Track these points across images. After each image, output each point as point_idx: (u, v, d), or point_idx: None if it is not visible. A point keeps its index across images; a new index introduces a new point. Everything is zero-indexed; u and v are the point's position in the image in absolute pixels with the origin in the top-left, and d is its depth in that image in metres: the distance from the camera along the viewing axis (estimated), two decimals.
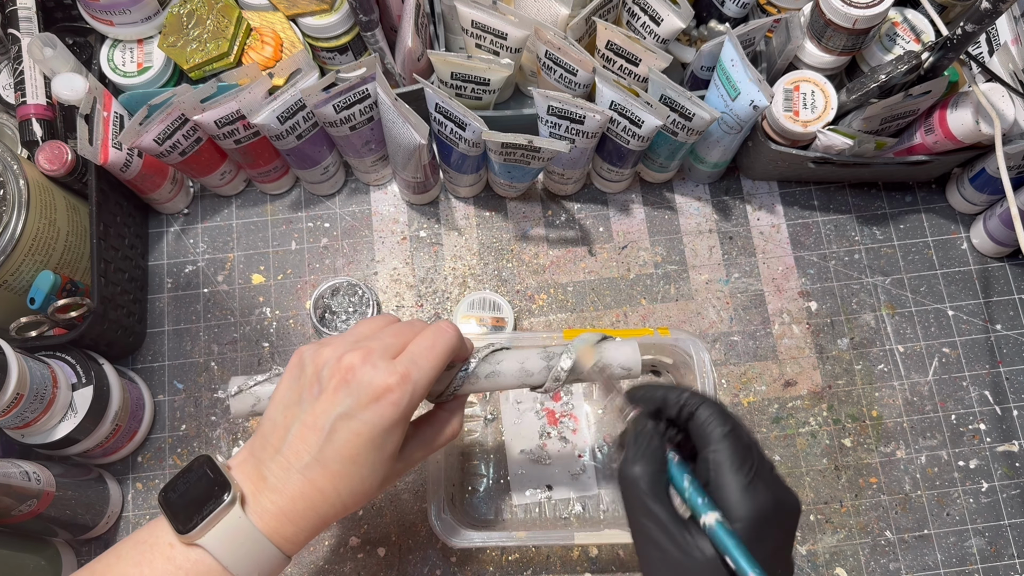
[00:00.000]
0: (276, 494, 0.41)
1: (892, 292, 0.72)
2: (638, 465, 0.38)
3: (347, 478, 0.41)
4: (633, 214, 0.75)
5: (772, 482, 0.37)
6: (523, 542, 0.58)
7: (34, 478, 0.55)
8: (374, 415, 0.40)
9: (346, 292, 0.62)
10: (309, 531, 0.41)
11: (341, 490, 0.41)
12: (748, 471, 0.36)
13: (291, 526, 0.41)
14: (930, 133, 0.66)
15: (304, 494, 0.41)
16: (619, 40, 0.62)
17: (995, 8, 0.54)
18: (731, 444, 0.37)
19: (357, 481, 0.41)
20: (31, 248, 0.60)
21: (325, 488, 0.41)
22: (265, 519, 0.40)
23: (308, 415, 0.42)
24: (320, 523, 0.42)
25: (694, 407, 0.39)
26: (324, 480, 0.41)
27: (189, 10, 0.66)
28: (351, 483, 0.41)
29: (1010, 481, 0.67)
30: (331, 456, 0.41)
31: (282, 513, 0.41)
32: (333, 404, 0.41)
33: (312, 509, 0.41)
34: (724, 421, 0.38)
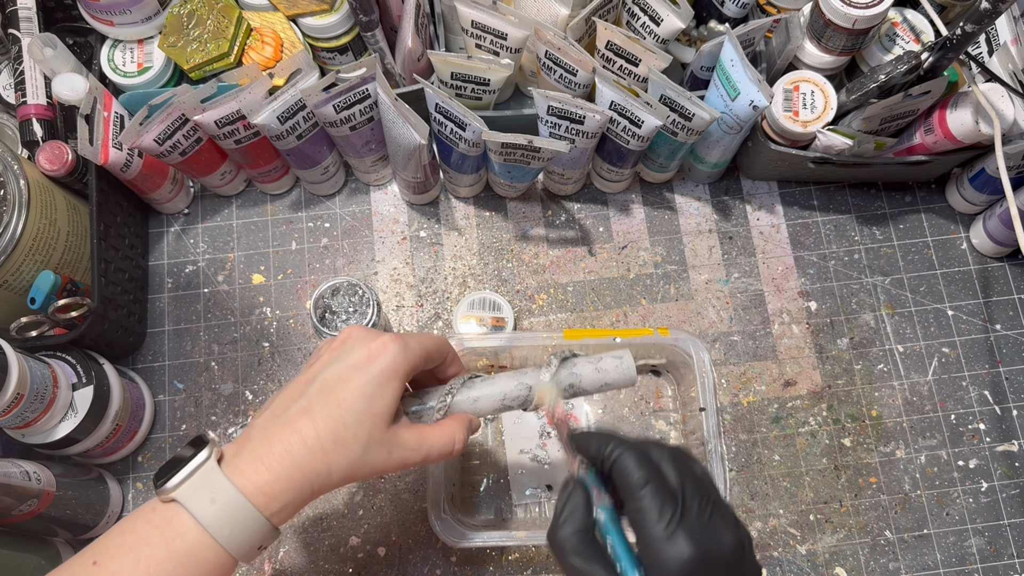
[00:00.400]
0: (254, 443, 0.40)
1: (892, 292, 0.72)
2: (563, 528, 0.38)
3: (329, 422, 0.40)
4: (633, 214, 0.75)
5: (701, 528, 0.35)
6: (523, 542, 0.58)
7: (34, 478, 0.55)
8: (366, 362, 0.42)
9: (346, 292, 0.62)
10: (286, 480, 0.39)
11: (321, 432, 0.40)
12: (668, 522, 0.35)
13: (266, 472, 0.39)
14: (930, 133, 0.66)
15: (281, 437, 0.40)
16: (619, 40, 0.62)
17: (995, 8, 0.54)
18: (648, 494, 0.36)
19: (340, 427, 0.40)
20: (31, 248, 0.60)
21: (304, 431, 0.40)
22: (240, 468, 0.39)
23: (304, 374, 0.43)
24: (297, 472, 0.39)
25: (614, 458, 0.38)
26: (306, 424, 0.40)
27: (189, 10, 0.66)
28: (333, 427, 0.40)
29: (1010, 481, 0.67)
30: (316, 400, 0.41)
31: (257, 459, 0.39)
32: (328, 360, 0.43)
33: (288, 454, 0.39)
34: (641, 467, 0.37)
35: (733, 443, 0.68)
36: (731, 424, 0.68)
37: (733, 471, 0.67)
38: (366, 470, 0.42)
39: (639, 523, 0.36)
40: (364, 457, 0.41)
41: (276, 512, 0.40)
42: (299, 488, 0.40)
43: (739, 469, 0.67)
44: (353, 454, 0.41)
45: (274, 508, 0.40)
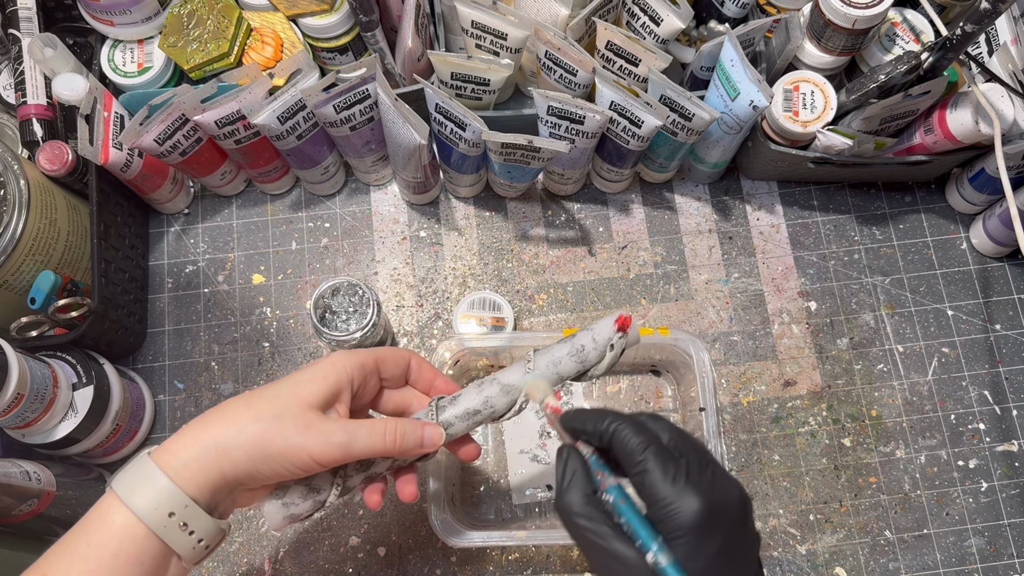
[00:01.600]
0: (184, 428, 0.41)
1: (892, 292, 0.72)
2: (567, 494, 0.38)
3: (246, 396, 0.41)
4: (633, 214, 0.75)
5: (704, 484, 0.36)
6: (523, 542, 0.58)
7: (35, 478, 0.55)
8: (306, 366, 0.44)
9: (346, 292, 0.62)
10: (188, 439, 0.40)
11: (237, 404, 0.41)
12: (673, 480, 0.36)
13: (180, 442, 0.40)
14: (929, 133, 0.66)
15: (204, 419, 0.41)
16: (619, 40, 0.62)
17: (994, 8, 0.54)
18: (651, 456, 0.37)
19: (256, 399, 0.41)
20: (32, 248, 0.60)
21: (224, 407, 0.41)
22: (165, 449, 0.40)
23: None
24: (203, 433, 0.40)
25: (612, 431, 0.39)
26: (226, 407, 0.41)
27: (189, 10, 0.66)
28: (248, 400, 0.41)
29: (1009, 481, 0.67)
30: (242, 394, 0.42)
31: (177, 434, 0.41)
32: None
33: (203, 423, 0.40)
34: (640, 434, 0.38)
35: (733, 443, 0.68)
36: (731, 424, 0.68)
37: (733, 471, 0.67)
38: (280, 440, 0.40)
39: (645, 486, 0.36)
40: (275, 424, 0.40)
41: (179, 470, 0.39)
42: (204, 445, 0.40)
43: (739, 469, 0.67)
44: (262, 417, 0.40)
45: (175, 465, 0.39)
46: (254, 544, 0.65)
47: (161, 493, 0.39)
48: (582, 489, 0.38)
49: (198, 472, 0.39)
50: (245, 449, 0.40)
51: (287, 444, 0.40)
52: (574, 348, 0.47)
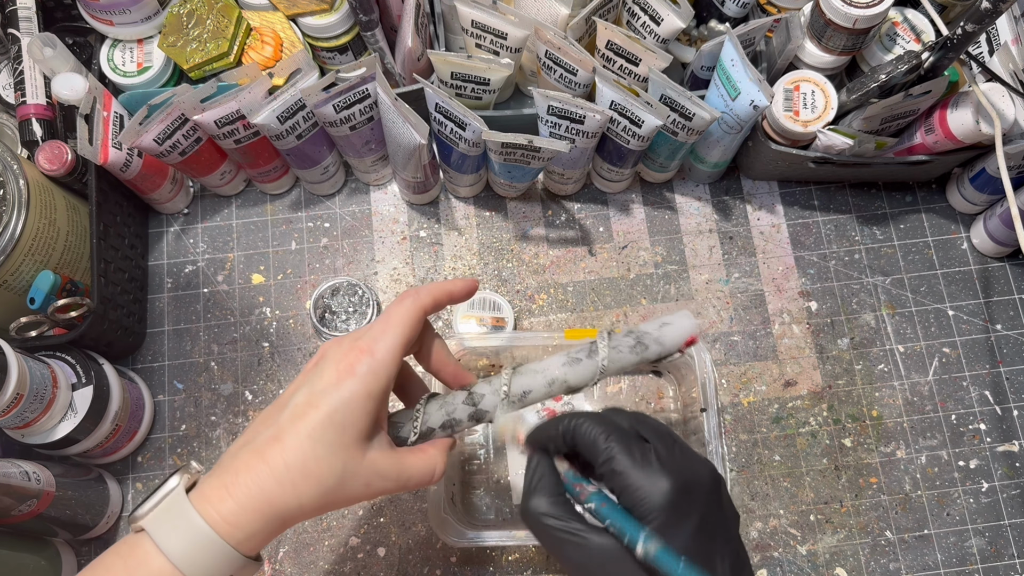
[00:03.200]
0: (223, 470, 0.39)
1: (892, 292, 0.72)
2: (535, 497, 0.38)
3: (300, 453, 0.38)
4: (633, 214, 0.75)
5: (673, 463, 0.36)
6: (523, 542, 0.58)
7: (34, 478, 0.55)
8: (334, 387, 0.39)
9: (346, 292, 0.62)
10: (252, 511, 0.38)
11: (291, 464, 0.38)
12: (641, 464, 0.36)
13: (232, 502, 0.38)
14: (930, 133, 0.66)
15: (250, 466, 0.38)
16: (619, 40, 0.62)
17: (995, 8, 0.54)
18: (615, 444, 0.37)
19: (311, 459, 0.38)
20: (31, 248, 0.60)
21: (273, 460, 0.38)
22: (207, 495, 0.38)
23: (280, 398, 0.41)
24: (265, 504, 0.38)
25: (572, 428, 0.39)
26: (275, 453, 0.38)
27: (189, 10, 0.65)
28: (304, 459, 0.38)
29: (1010, 481, 0.67)
30: (287, 429, 0.39)
31: (223, 487, 0.38)
32: (301, 382, 0.41)
33: (256, 483, 0.38)
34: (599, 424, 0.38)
35: (734, 443, 0.68)
36: (732, 424, 0.68)
37: (733, 471, 0.67)
38: (342, 501, 0.40)
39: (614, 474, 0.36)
40: (338, 490, 0.39)
41: (242, 541, 0.38)
42: (267, 519, 0.38)
43: (739, 469, 0.67)
44: (325, 487, 0.39)
45: (239, 537, 0.38)
46: None
47: (224, 563, 0.38)
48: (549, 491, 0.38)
49: (262, 540, 0.39)
50: (308, 514, 0.39)
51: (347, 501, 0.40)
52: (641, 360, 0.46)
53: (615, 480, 0.36)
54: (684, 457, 0.37)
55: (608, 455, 0.37)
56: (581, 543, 0.36)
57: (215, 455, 0.67)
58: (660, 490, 0.35)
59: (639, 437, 0.37)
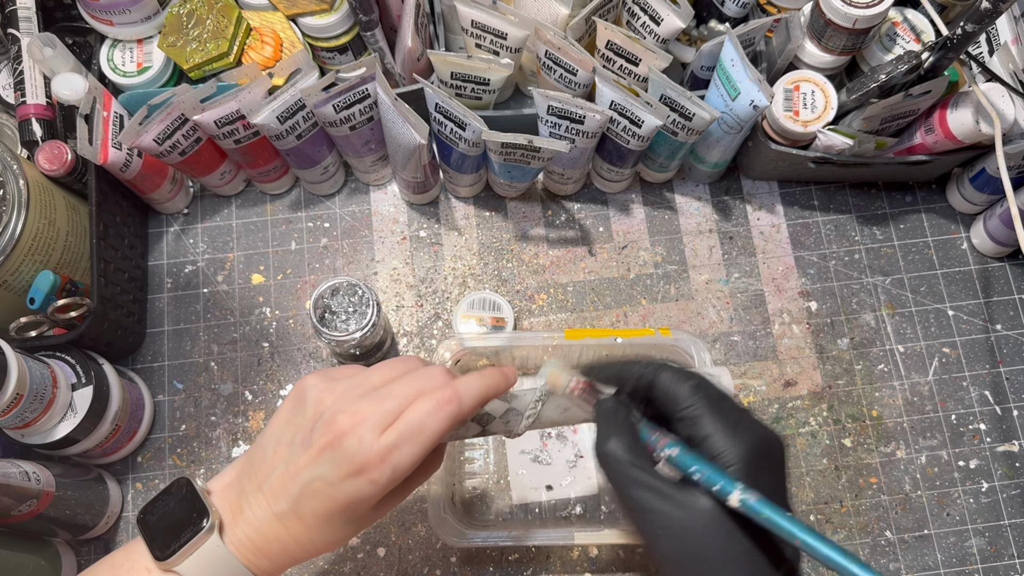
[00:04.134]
0: (252, 530, 0.41)
1: (892, 292, 0.72)
2: (611, 440, 0.37)
3: (320, 532, 0.41)
4: (633, 214, 0.75)
5: (753, 422, 0.36)
6: (523, 542, 0.58)
7: (34, 478, 0.55)
8: (351, 487, 0.40)
9: (346, 292, 0.62)
10: (282, 567, 0.42)
11: (315, 540, 0.42)
12: (727, 416, 0.36)
13: (266, 562, 0.42)
14: (930, 133, 0.66)
15: (279, 538, 0.41)
16: (619, 40, 0.62)
17: (995, 8, 0.54)
18: (702, 396, 0.37)
19: (331, 535, 0.42)
20: (31, 248, 0.60)
21: (299, 537, 0.41)
22: (241, 551, 0.41)
23: (292, 464, 0.41)
24: (291, 561, 0.42)
25: (652, 375, 0.38)
26: (298, 529, 0.41)
27: (189, 10, 0.65)
28: (324, 536, 0.42)
29: (1010, 481, 0.67)
30: (306, 511, 0.41)
31: (257, 549, 0.41)
32: (316, 464, 0.40)
33: (286, 552, 0.42)
34: (688, 377, 0.37)
35: None
36: None
37: None
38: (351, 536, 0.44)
39: (697, 424, 0.36)
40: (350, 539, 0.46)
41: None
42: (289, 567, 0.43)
43: None
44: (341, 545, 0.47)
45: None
46: None
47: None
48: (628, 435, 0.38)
49: None
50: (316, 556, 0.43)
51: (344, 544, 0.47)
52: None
53: (695, 428, 0.36)
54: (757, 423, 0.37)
55: (690, 405, 0.36)
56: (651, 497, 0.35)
57: (215, 455, 0.67)
58: (746, 445, 0.35)
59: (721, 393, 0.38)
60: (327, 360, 0.70)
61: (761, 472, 0.35)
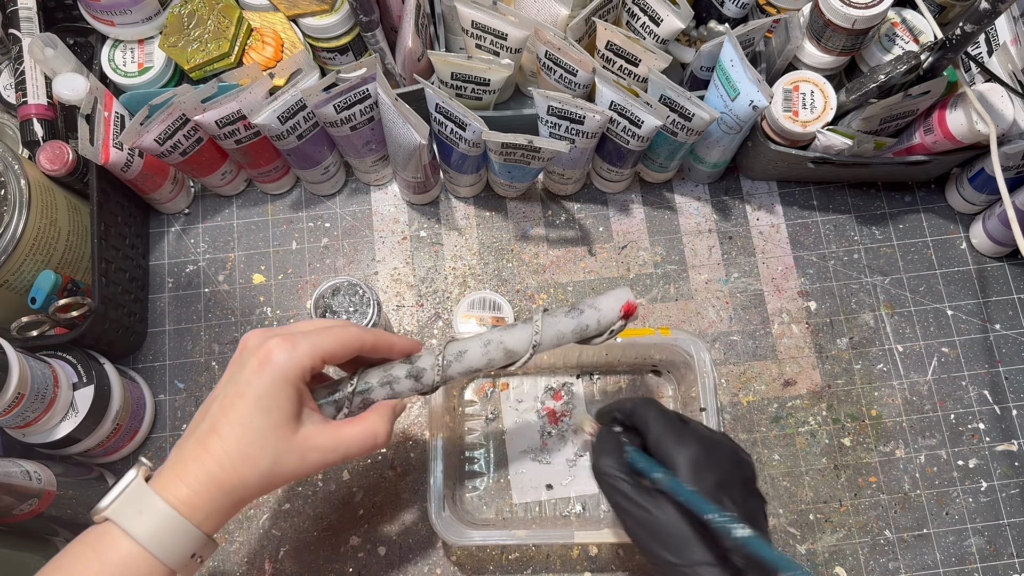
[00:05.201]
0: (172, 462, 0.43)
1: (891, 292, 0.72)
2: (603, 456, 0.48)
3: (233, 438, 0.42)
4: (633, 214, 0.75)
5: (699, 437, 0.47)
6: (523, 541, 0.58)
7: (35, 477, 0.55)
8: (256, 376, 0.43)
9: (347, 292, 0.62)
10: (204, 494, 0.42)
11: (229, 450, 0.42)
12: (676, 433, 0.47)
13: (185, 488, 0.42)
14: (929, 133, 0.66)
15: (196, 456, 0.42)
16: (619, 40, 0.62)
17: (994, 8, 0.54)
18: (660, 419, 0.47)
19: (244, 443, 0.42)
20: (32, 248, 0.60)
21: (213, 448, 0.42)
22: (162, 484, 0.42)
23: (213, 391, 0.45)
24: (214, 487, 0.42)
25: (630, 407, 0.50)
26: (214, 441, 0.42)
27: (190, 10, 0.66)
28: (238, 444, 0.42)
29: (1009, 480, 0.67)
30: (219, 419, 0.43)
31: (176, 476, 0.42)
32: (228, 376, 0.45)
33: (202, 469, 0.42)
34: (650, 405, 0.49)
35: None
36: (731, 424, 0.68)
37: None
38: (283, 477, 0.44)
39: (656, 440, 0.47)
40: (275, 468, 0.43)
41: (202, 520, 0.42)
42: (218, 499, 0.42)
43: None
44: (263, 466, 0.43)
45: (199, 517, 0.42)
46: (254, 544, 0.65)
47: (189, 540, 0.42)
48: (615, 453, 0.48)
49: (219, 519, 0.43)
50: (256, 490, 0.43)
51: (291, 476, 0.44)
52: (579, 326, 0.50)
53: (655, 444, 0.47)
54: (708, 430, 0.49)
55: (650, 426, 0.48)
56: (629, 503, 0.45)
57: None
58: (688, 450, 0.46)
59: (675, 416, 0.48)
60: None
61: (702, 473, 0.45)
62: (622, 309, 0.49)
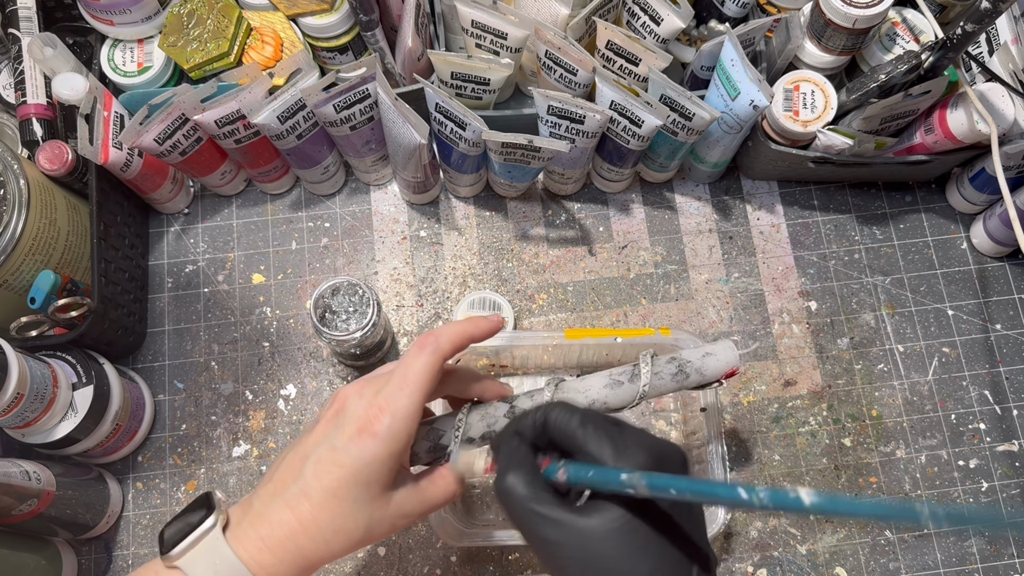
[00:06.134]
0: (257, 519, 0.40)
1: (892, 292, 0.72)
2: (508, 475, 0.37)
3: (328, 511, 0.40)
4: (633, 214, 0.75)
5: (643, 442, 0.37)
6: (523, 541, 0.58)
7: (34, 477, 0.55)
8: (356, 446, 0.40)
9: (346, 292, 0.62)
10: (289, 564, 0.40)
11: (322, 523, 0.40)
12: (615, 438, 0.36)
13: (269, 555, 0.39)
14: (930, 133, 0.66)
15: (283, 522, 0.40)
16: (619, 40, 0.62)
17: (995, 8, 0.54)
18: (590, 425, 0.37)
19: (339, 516, 0.40)
20: (31, 248, 0.60)
21: (304, 518, 0.40)
22: (243, 544, 0.40)
23: (301, 445, 0.42)
24: (300, 558, 0.40)
25: (542, 419, 0.39)
26: (305, 510, 0.40)
27: (189, 10, 0.66)
28: (332, 517, 0.40)
29: (1010, 481, 0.67)
30: (313, 485, 0.40)
31: (260, 539, 0.40)
32: (323, 434, 0.41)
33: (291, 539, 0.40)
34: (574, 412, 0.38)
35: (733, 443, 0.68)
36: (731, 424, 0.68)
37: (733, 471, 0.67)
38: (371, 542, 0.42)
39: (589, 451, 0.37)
40: (366, 537, 0.41)
41: None
42: (301, 569, 0.40)
43: (739, 469, 0.67)
44: (355, 538, 0.41)
45: None
46: None
47: None
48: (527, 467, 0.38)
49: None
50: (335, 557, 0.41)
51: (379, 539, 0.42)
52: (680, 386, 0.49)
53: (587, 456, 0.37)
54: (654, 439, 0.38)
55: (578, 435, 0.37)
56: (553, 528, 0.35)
57: (215, 454, 0.67)
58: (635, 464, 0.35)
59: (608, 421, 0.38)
60: (327, 360, 0.70)
61: None
62: (724, 376, 0.49)
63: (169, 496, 0.67)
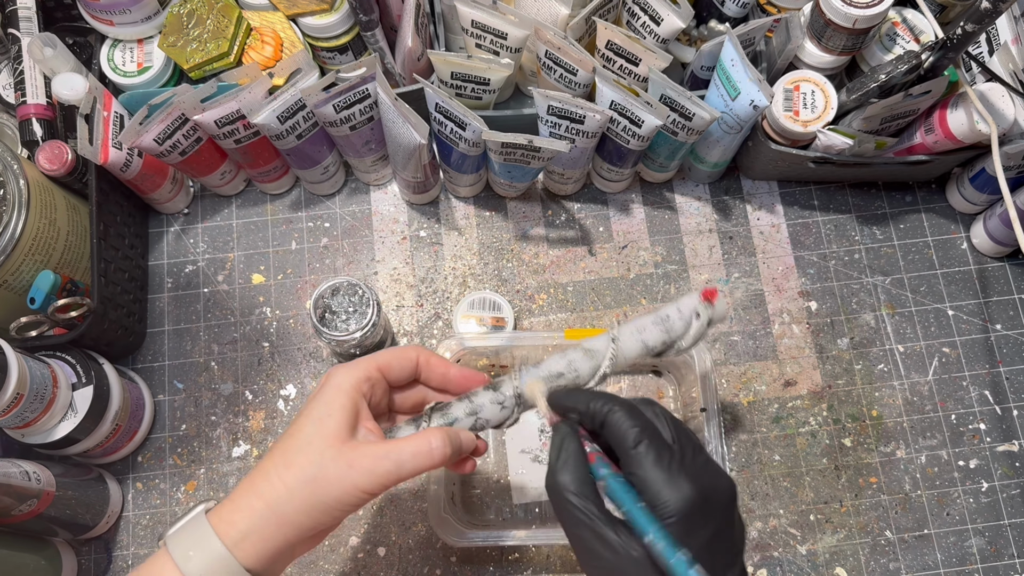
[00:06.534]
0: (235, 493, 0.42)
1: (892, 292, 0.72)
2: (562, 473, 0.38)
3: (281, 450, 0.41)
4: (633, 214, 0.75)
5: (697, 472, 0.36)
6: (523, 541, 0.58)
7: (34, 478, 0.55)
8: (316, 392, 0.43)
9: (346, 292, 0.62)
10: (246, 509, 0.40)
11: (276, 462, 0.41)
12: (667, 465, 0.36)
13: (229, 504, 0.41)
14: (930, 133, 0.66)
15: (250, 477, 0.41)
16: (619, 40, 0.62)
17: (995, 8, 0.54)
18: (646, 442, 0.37)
19: (291, 453, 0.41)
20: (31, 248, 0.60)
21: (264, 465, 0.41)
22: (219, 514, 0.41)
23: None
24: (257, 501, 0.40)
25: (604, 414, 0.39)
26: (265, 460, 0.42)
27: (189, 10, 0.66)
28: (284, 454, 0.41)
29: (1010, 481, 0.67)
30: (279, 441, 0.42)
31: (230, 501, 0.41)
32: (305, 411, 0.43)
33: (253, 490, 0.40)
34: (635, 420, 0.38)
35: (733, 443, 0.68)
36: (731, 424, 0.68)
37: (733, 471, 0.67)
38: (332, 487, 0.40)
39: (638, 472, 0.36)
40: (321, 472, 0.40)
41: (238, 541, 0.40)
42: (260, 514, 0.40)
43: (739, 469, 0.67)
44: (307, 472, 0.40)
45: (234, 536, 0.40)
46: None
47: (219, 562, 0.39)
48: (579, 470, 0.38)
49: (258, 543, 0.40)
50: (302, 508, 0.40)
51: (340, 489, 0.40)
52: (658, 317, 0.46)
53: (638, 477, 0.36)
54: (707, 467, 0.37)
55: (637, 452, 0.37)
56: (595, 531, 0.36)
57: (215, 455, 0.67)
58: (681, 496, 0.35)
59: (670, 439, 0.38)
60: (327, 360, 0.70)
61: (694, 525, 0.35)
62: (702, 296, 0.45)
63: (169, 496, 0.67)
